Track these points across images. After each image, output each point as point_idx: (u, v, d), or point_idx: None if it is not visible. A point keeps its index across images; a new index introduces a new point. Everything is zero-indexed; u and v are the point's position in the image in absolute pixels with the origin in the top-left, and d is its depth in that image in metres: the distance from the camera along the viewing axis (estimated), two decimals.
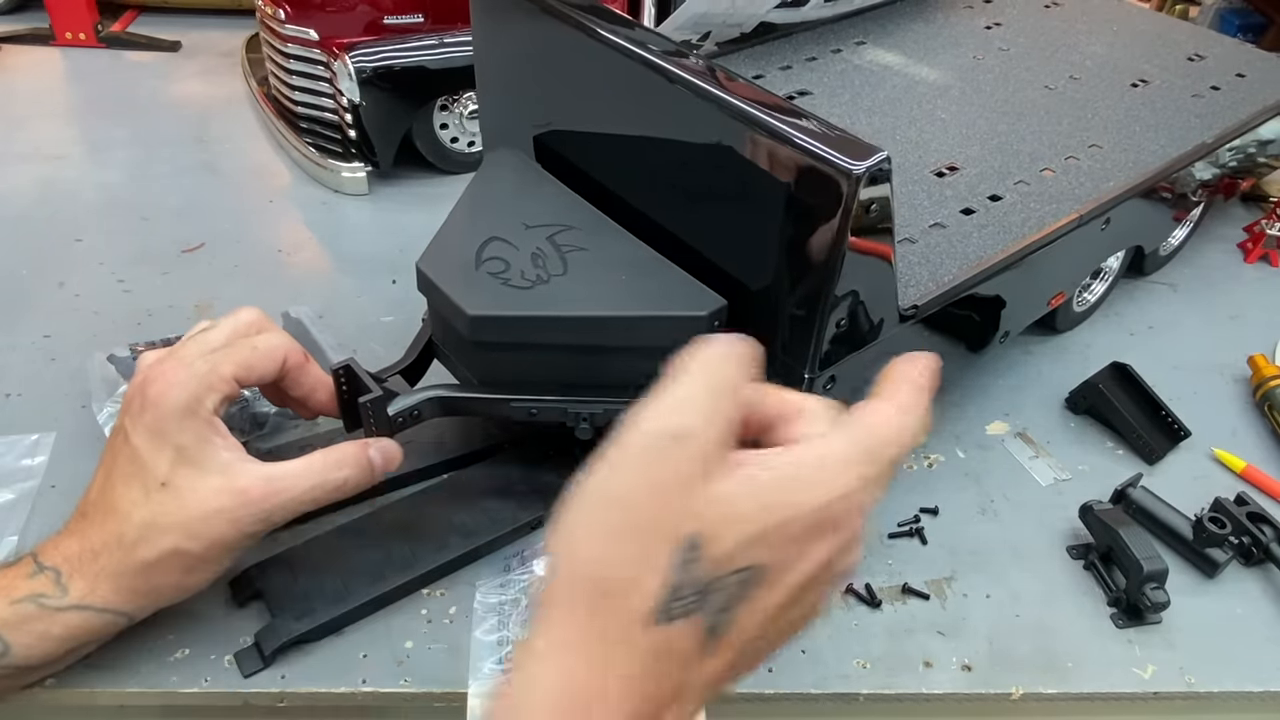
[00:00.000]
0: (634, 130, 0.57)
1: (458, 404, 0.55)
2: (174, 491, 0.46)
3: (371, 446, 0.51)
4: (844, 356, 0.53)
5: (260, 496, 0.46)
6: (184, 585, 0.47)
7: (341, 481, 0.49)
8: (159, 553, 0.45)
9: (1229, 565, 0.60)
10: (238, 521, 0.46)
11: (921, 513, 0.62)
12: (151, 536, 0.45)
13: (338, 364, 0.53)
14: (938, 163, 0.70)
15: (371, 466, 0.50)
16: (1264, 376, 0.71)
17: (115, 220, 0.86)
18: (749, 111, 0.48)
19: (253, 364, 0.49)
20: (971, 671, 0.53)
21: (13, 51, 1.13)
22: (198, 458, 0.46)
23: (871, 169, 0.44)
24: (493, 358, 0.55)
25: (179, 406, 0.46)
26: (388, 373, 0.57)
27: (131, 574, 0.46)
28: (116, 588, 0.46)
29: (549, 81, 0.62)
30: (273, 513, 0.47)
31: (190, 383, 0.47)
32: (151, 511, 0.45)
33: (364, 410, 0.52)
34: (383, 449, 0.51)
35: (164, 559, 0.46)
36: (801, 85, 0.78)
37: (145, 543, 0.45)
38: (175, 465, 0.46)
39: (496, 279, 0.53)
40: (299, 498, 0.48)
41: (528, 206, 0.59)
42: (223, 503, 0.46)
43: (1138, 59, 0.88)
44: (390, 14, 0.87)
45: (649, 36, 0.55)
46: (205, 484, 0.46)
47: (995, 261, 0.61)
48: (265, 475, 0.47)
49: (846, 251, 0.47)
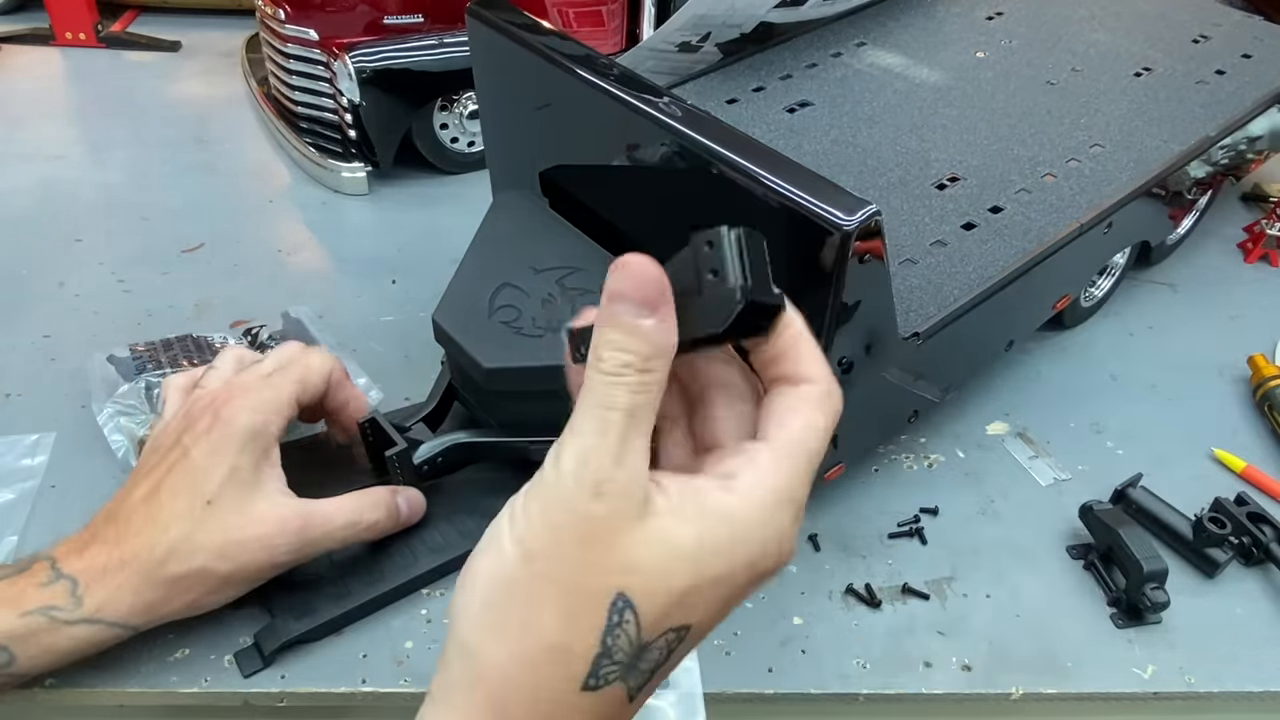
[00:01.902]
0: (633, 172, 0.58)
1: (479, 449, 0.58)
2: (217, 511, 0.46)
3: (400, 494, 0.53)
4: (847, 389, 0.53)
5: (298, 529, 0.47)
6: (199, 605, 0.47)
7: (373, 523, 0.51)
8: (187, 570, 0.45)
9: (1229, 565, 0.60)
10: (273, 550, 0.47)
11: (921, 513, 0.62)
12: (184, 552, 0.45)
13: (363, 419, 0.55)
14: (939, 174, 0.70)
15: (398, 513, 0.53)
16: (1264, 376, 0.71)
17: (115, 220, 0.86)
18: (742, 164, 0.49)
19: (308, 381, 0.51)
20: (971, 671, 0.53)
21: (13, 51, 1.13)
22: (249, 481, 0.47)
23: (863, 223, 0.45)
24: (510, 405, 0.57)
25: (248, 428, 0.47)
26: (411, 419, 0.59)
27: (154, 587, 0.45)
28: (135, 602, 0.45)
29: (549, 124, 0.63)
30: (306, 546, 0.48)
31: (262, 407, 0.48)
32: (191, 527, 0.45)
33: (390, 463, 0.55)
34: (409, 499, 0.54)
35: (190, 576, 0.46)
36: (803, 96, 0.78)
37: (176, 558, 0.45)
38: (225, 484, 0.46)
39: (509, 328, 0.55)
40: (332, 534, 0.49)
41: (536, 249, 0.60)
42: (262, 531, 0.47)
43: (1141, 44, 0.88)
44: (390, 14, 0.87)
45: (639, 83, 0.56)
46: (249, 509, 0.47)
47: (997, 280, 0.61)
48: (305, 510, 0.48)
49: (843, 300, 0.48)
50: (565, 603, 0.26)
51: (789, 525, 0.28)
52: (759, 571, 0.28)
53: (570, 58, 0.57)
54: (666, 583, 0.27)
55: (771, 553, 0.28)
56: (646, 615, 0.26)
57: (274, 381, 0.50)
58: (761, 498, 0.28)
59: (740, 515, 0.27)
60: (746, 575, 0.28)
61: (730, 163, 0.49)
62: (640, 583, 0.26)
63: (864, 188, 0.69)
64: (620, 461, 0.27)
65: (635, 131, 0.55)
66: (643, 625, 0.26)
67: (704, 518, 0.27)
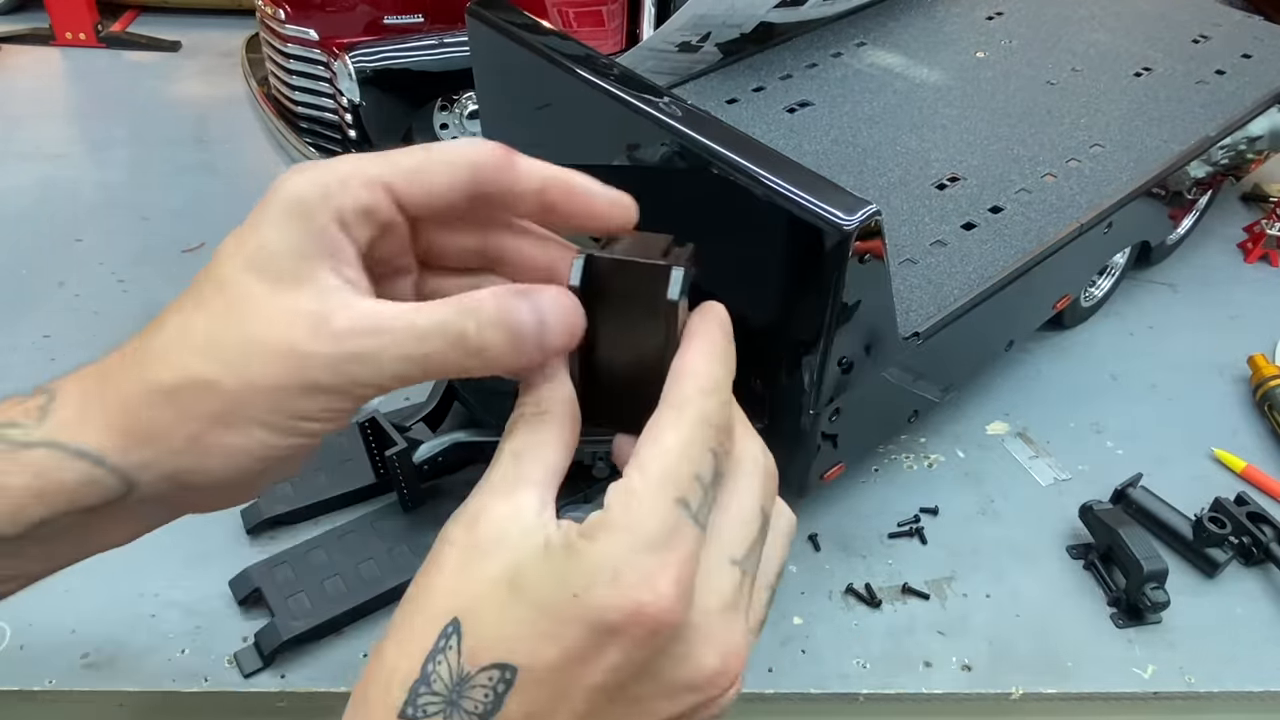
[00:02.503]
0: (633, 172, 0.58)
1: (479, 449, 0.58)
2: (227, 299, 0.30)
3: (528, 299, 0.29)
4: (847, 389, 0.54)
5: (344, 331, 0.29)
6: (206, 449, 0.30)
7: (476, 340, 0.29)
8: (175, 377, 0.30)
9: (1229, 565, 0.60)
10: (301, 360, 0.29)
11: (921, 513, 0.62)
12: (173, 352, 0.30)
13: (362, 418, 0.55)
14: (939, 174, 0.70)
15: (521, 336, 0.29)
16: (1264, 376, 0.71)
17: (115, 220, 0.86)
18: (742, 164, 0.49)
19: (416, 166, 0.31)
20: (971, 671, 0.53)
21: (13, 51, 1.13)
22: (285, 267, 0.29)
23: (863, 223, 0.45)
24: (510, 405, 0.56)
25: (293, 195, 0.30)
26: (412, 420, 0.59)
27: (131, 403, 0.30)
28: (107, 423, 0.30)
29: (549, 124, 0.63)
30: (351, 362, 0.29)
31: (324, 175, 0.30)
32: (186, 319, 0.31)
33: (390, 462, 0.55)
34: (545, 307, 0.29)
35: (182, 390, 0.30)
36: (803, 96, 0.78)
37: (162, 360, 0.30)
38: (244, 270, 0.30)
39: None
40: (398, 349, 0.29)
41: None
42: (291, 332, 0.29)
43: (1141, 44, 0.88)
44: (390, 14, 0.87)
45: (639, 83, 0.56)
46: (275, 301, 0.29)
47: (997, 280, 0.61)
48: (365, 310, 0.29)
49: (843, 299, 0.48)
50: (409, 624, 0.26)
51: (637, 559, 0.25)
52: (612, 620, 0.25)
53: (570, 58, 0.57)
54: (494, 612, 0.25)
55: (615, 594, 0.24)
56: (468, 643, 0.25)
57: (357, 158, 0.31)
58: (611, 537, 0.25)
59: (580, 548, 0.25)
60: (593, 617, 0.25)
61: (730, 163, 0.49)
62: (470, 609, 0.25)
63: (864, 188, 0.69)
64: (495, 492, 0.27)
65: (635, 132, 0.55)
66: (464, 652, 0.25)
67: (532, 539, 0.26)
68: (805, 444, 0.55)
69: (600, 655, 0.25)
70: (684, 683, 0.26)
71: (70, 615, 0.53)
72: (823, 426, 0.54)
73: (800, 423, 0.54)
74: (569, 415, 0.29)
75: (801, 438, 0.55)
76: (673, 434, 0.27)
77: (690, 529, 0.26)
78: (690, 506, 0.26)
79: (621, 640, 0.25)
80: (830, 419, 0.54)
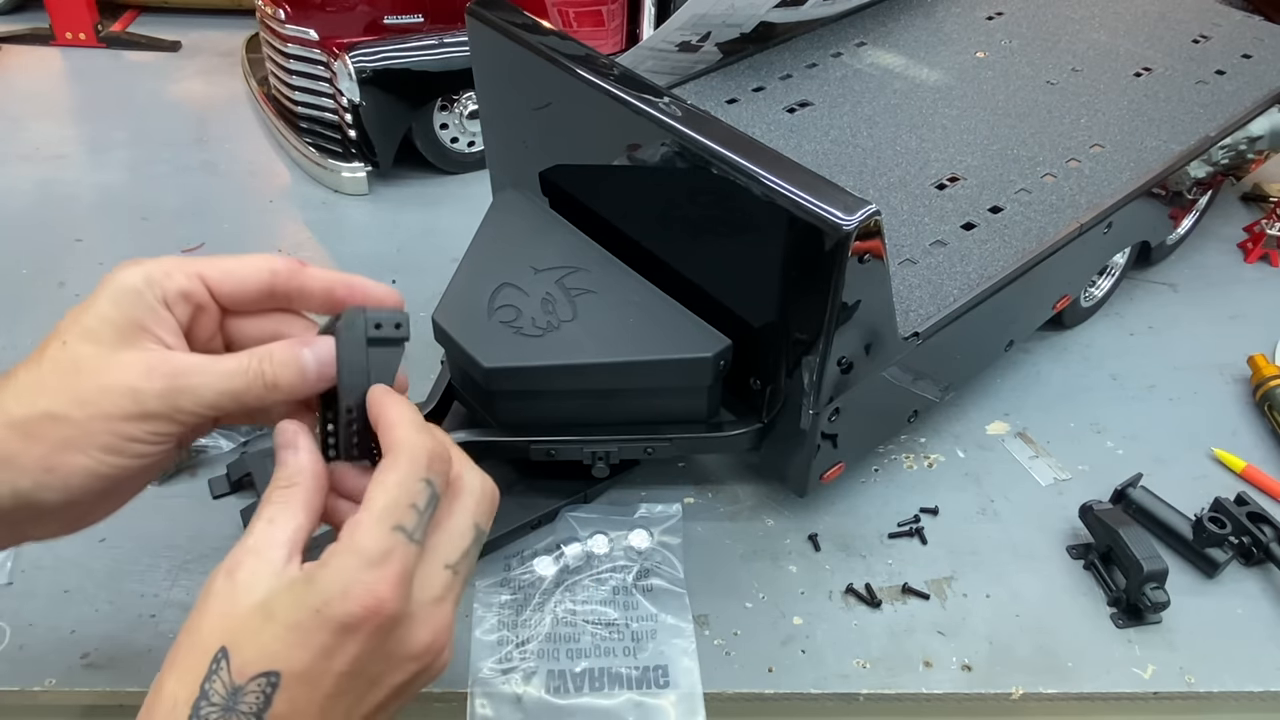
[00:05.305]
0: (634, 172, 0.58)
1: (479, 448, 0.57)
2: (71, 358, 0.37)
3: (310, 347, 0.40)
4: (847, 389, 0.54)
5: (172, 371, 0.38)
6: (47, 465, 0.37)
7: (271, 379, 0.39)
8: (27, 412, 0.36)
9: (1229, 565, 0.60)
10: (138, 394, 0.37)
11: (921, 513, 0.62)
12: (26, 395, 0.37)
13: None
14: (939, 174, 0.70)
15: (305, 371, 0.39)
16: (1264, 376, 0.71)
17: (115, 220, 0.86)
18: (742, 164, 0.49)
19: (228, 268, 0.41)
20: (971, 671, 0.54)
21: (13, 51, 1.13)
22: (117, 333, 0.38)
23: (863, 223, 0.45)
24: (510, 404, 0.57)
25: (123, 284, 0.38)
26: None
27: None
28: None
29: (549, 123, 0.63)
30: (180, 395, 0.37)
31: (151, 267, 0.39)
32: (39, 374, 0.37)
33: None
34: (319, 354, 0.40)
35: (31, 421, 0.36)
36: (803, 96, 0.78)
37: (16, 400, 0.37)
38: (81, 340, 0.37)
39: (509, 328, 0.55)
40: (213, 384, 0.38)
41: (536, 249, 0.60)
42: (128, 375, 0.37)
43: (1141, 44, 0.88)
44: (390, 14, 0.87)
45: (639, 83, 0.56)
46: (113, 358, 0.37)
47: (997, 280, 0.61)
48: (187, 358, 0.39)
49: (843, 299, 0.48)
50: (185, 658, 0.33)
51: (362, 574, 0.33)
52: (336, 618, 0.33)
53: (570, 58, 0.57)
54: (254, 636, 0.33)
55: (348, 603, 0.33)
56: (235, 662, 0.32)
57: (182, 257, 0.41)
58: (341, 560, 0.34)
59: (316, 576, 0.33)
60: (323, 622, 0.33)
61: (730, 163, 0.49)
62: (234, 638, 0.33)
63: (864, 188, 0.69)
64: (250, 551, 0.35)
65: (635, 131, 0.55)
66: (233, 670, 0.32)
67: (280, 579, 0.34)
68: (805, 444, 0.55)
69: (343, 649, 0.33)
70: (407, 655, 0.35)
71: (70, 615, 0.53)
72: (823, 426, 0.54)
73: (800, 423, 0.54)
74: (314, 485, 0.37)
75: (801, 438, 0.55)
76: (392, 474, 0.35)
77: (405, 547, 0.34)
78: (407, 529, 0.34)
79: (357, 635, 0.33)
80: (830, 419, 0.55)
